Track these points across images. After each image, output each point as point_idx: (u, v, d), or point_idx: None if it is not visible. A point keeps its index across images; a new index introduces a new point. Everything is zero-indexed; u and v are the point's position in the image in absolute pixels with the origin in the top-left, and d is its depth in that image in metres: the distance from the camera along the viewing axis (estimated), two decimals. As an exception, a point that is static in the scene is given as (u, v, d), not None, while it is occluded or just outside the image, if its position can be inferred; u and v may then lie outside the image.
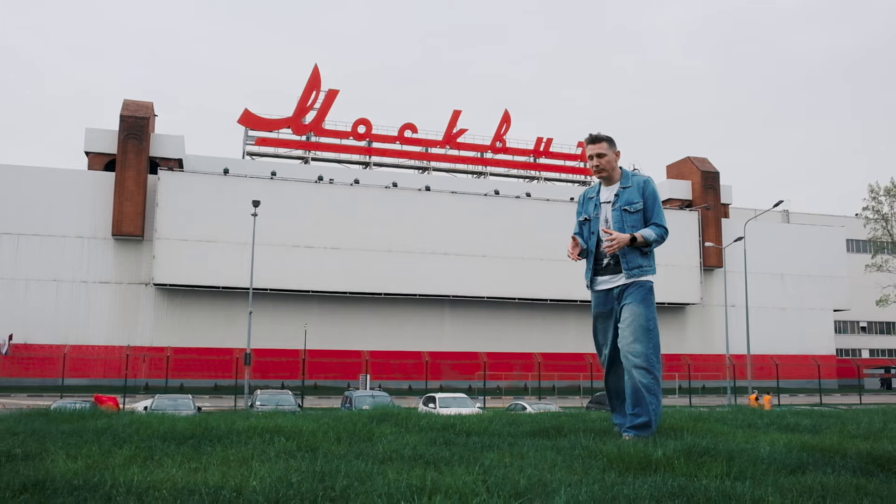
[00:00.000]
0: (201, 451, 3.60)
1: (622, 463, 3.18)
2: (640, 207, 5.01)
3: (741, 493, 2.55)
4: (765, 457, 3.32)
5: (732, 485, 2.61)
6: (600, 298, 5.12)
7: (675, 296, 55.00)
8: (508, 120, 59.39)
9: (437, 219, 51.01)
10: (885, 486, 2.79)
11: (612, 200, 5.06)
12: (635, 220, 4.99)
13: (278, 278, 47.44)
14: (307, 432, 4.12)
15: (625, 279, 4.98)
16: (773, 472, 3.05)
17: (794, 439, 4.02)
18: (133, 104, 49.67)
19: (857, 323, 70.67)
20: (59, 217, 46.51)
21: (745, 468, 3.02)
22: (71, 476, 2.75)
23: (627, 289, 4.98)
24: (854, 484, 2.76)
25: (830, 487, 2.69)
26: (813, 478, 2.81)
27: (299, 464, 3.07)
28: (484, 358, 45.32)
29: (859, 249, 67.58)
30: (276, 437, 4.00)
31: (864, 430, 4.46)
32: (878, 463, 3.24)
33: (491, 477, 2.66)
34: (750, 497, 2.48)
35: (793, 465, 3.16)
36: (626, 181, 5.11)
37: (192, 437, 4.04)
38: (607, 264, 5.06)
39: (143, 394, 39.43)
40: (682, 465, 3.08)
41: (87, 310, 46.94)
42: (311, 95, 54.62)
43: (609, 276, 5.05)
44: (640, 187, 5.06)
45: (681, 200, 59.34)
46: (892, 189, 51.35)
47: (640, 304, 4.92)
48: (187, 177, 48.00)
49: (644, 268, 5.02)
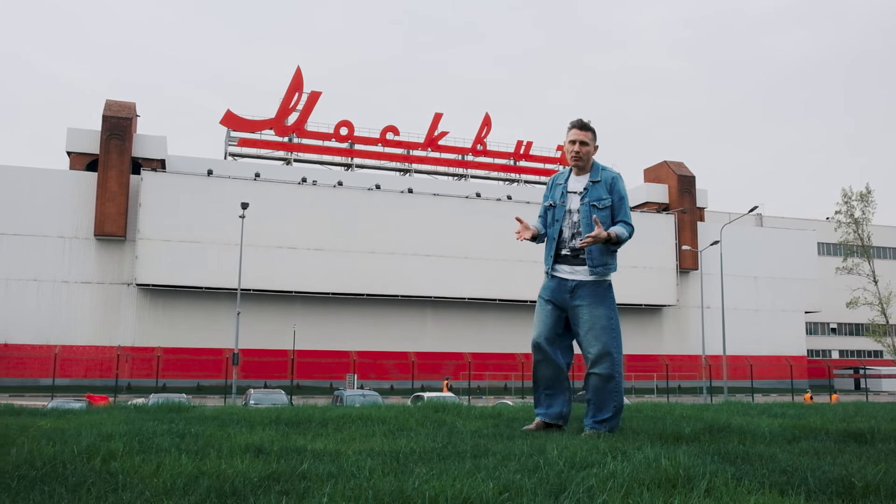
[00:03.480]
0: (327, 431, 4.18)
1: (661, 438, 3.86)
2: (608, 204, 4.97)
3: (758, 453, 3.22)
4: (766, 433, 4.08)
5: (749, 448, 3.30)
6: (553, 284, 5.02)
7: (652, 297, 56.11)
8: (489, 123, 60.16)
9: (419, 221, 51.60)
10: (859, 449, 3.57)
11: (582, 193, 5.00)
12: (603, 217, 4.93)
13: (262, 279, 47.70)
14: (391, 418, 4.70)
15: (586, 275, 4.92)
16: (776, 442, 3.71)
17: (784, 422, 4.75)
18: (115, 104, 49.67)
19: (827, 324, 72.33)
20: (40, 217, 46.39)
21: (754, 440, 3.73)
22: (317, 448, 3.52)
23: (585, 287, 4.91)
24: (836, 448, 3.49)
25: (819, 450, 3.44)
26: (806, 445, 3.59)
27: (422, 437, 3.72)
28: (469, 358, 45.98)
29: (830, 252, 69.15)
30: (369, 422, 4.58)
31: (840, 416, 5.15)
32: (853, 436, 4.02)
33: (563, 447, 3.29)
34: (765, 454, 3.15)
35: (789, 438, 3.92)
36: (595, 175, 5.04)
37: (308, 423, 4.60)
38: (565, 255, 5.00)
39: (125, 393, 39.54)
40: (706, 438, 3.79)
41: (68, 310, 46.87)
42: (294, 97, 54.96)
43: (570, 267, 4.98)
44: (608, 184, 5.02)
45: (657, 204, 60.44)
46: (866, 194, 52.79)
47: (600, 305, 4.88)
48: (170, 177, 48.12)
49: (609, 265, 5.00)
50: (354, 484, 2.34)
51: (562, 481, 2.43)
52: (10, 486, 2.36)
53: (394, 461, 2.93)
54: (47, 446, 3.16)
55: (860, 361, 68.88)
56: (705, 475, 2.48)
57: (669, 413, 5.39)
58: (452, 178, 60.93)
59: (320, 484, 2.42)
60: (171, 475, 2.54)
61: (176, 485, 2.38)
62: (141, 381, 44.77)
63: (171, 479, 2.46)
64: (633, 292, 55.11)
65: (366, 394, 25.30)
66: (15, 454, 2.89)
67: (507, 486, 2.36)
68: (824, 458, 3.16)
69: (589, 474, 2.53)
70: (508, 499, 2.20)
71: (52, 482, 2.41)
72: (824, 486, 2.55)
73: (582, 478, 2.47)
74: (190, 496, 2.24)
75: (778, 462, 3.00)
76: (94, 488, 2.32)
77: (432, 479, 2.39)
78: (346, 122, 56.33)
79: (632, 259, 54.93)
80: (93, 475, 2.55)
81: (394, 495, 2.19)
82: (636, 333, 56.90)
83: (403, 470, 2.65)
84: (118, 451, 3.08)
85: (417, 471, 2.61)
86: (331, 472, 2.62)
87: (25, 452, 2.94)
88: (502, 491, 2.29)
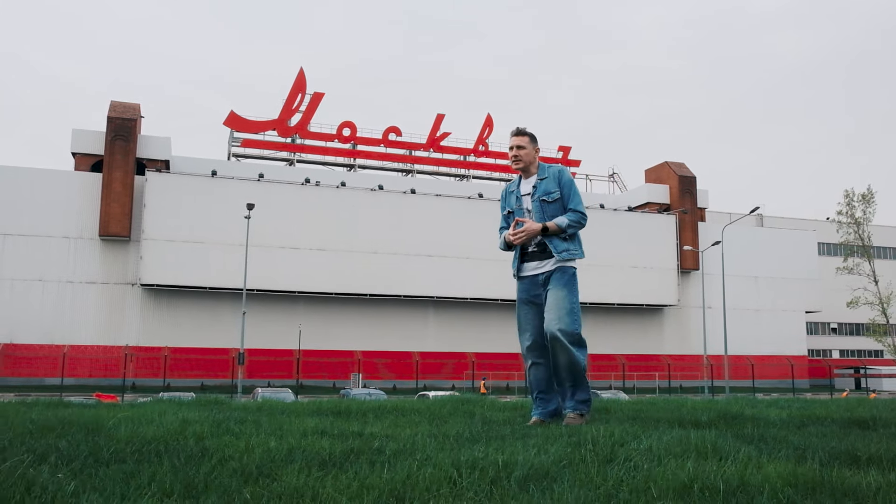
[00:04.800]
0: (371, 419, 4.50)
1: (680, 424, 4.20)
2: (557, 196, 5.14)
3: (772, 435, 3.56)
4: (776, 420, 4.40)
5: (763, 432, 3.63)
6: (525, 285, 5.25)
7: (653, 297, 56.44)
8: (491, 124, 60.49)
9: (422, 221, 51.92)
10: (862, 433, 3.92)
11: (531, 192, 5.22)
12: (555, 210, 5.12)
13: (265, 279, 47.98)
14: (424, 409, 5.03)
15: (552, 265, 5.09)
16: (786, 428, 4.06)
17: (792, 412, 5.09)
18: (120, 105, 49.99)
19: (828, 324, 72.64)
20: (45, 217, 46.69)
21: (766, 425, 4.08)
22: (376, 432, 3.85)
23: (553, 274, 5.09)
24: (842, 432, 3.86)
25: (826, 433, 3.81)
26: (813, 429, 3.95)
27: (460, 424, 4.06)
28: (472, 358, 46.29)
29: (830, 252, 69.44)
30: (405, 412, 4.90)
31: (844, 407, 5.47)
32: (857, 423, 4.38)
33: (598, 430, 3.64)
34: (778, 436, 3.48)
35: (797, 424, 4.27)
36: (542, 173, 5.27)
37: (348, 413, 4.92)
38: (532, 251, 5.18)
39: (130, 393, 39.84)
40: (723, 424, 4.13)
41: (73, 310, 47.15)
42: (297, 98, 55.29)
43: (536, 263, 5.17)
44: (555, 177, 5.24)
45: (658, 204, 60.74)
46: (868, 195, 53.18)
47: (563, 287, 5.03)
48: (175, 178, 48.43)
49: (571, 251, 5.11)
50: (426, 455, 2.65)
51: (607, 454, 2.76)
52: (125, 460, 2.68)
53: (449, 441, 3.26)
54: (143, 428, 3.48)
55: (860, 361, 69.20)
56: (730, 449, 2.81)
57: (682, 405, 5.71)
58: (454, 179, 61.25)
59: (399, 457, 2.73)
60: (264, 451, 2.86)
61: (275, 457, 2.70)
62: (145, 381, 45.08)
63: (265, 453, 2.78)
64: (635, 292, 55.46)
65: (371, 393, 25.67)
66: (118, 436, 3.21)
67: (561, 458, 2.68)
68: (832, 438, 3.50)
69: (629, 448, 2.86)
70: (567, 465, 2.52)
71: (162, 456, 2.72)
72: (833, 458, 2.88)
73: (624, 451, 2.79)
74: (293, 465, 2.54)
75: (790, 442, 3.33)
76: (203, 461, 2.63)
77: (494, 453, 2.70)
78: (349, 123, 56.65)
79: (633, 259, 55.33)
80: (195, 451, 2.86)
81: (469, 463, 2.50)
82: (637, 333, 57.24)
83: (462, 448, 2.97)
84: (204, 432, 3.39)
85: (476, 447, 2.93)
86: (400, 449, 2.94)
87: (127, 433, 3.26)
88: (558, 461, 2.60)
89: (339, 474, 2.36)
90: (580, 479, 2.34)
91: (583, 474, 2.41)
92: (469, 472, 2.38)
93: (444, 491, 2.15)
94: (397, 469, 2.43)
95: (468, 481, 2.26)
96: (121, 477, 2.32)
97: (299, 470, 2.43)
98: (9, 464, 2.37)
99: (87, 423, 3.73)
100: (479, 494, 2.12)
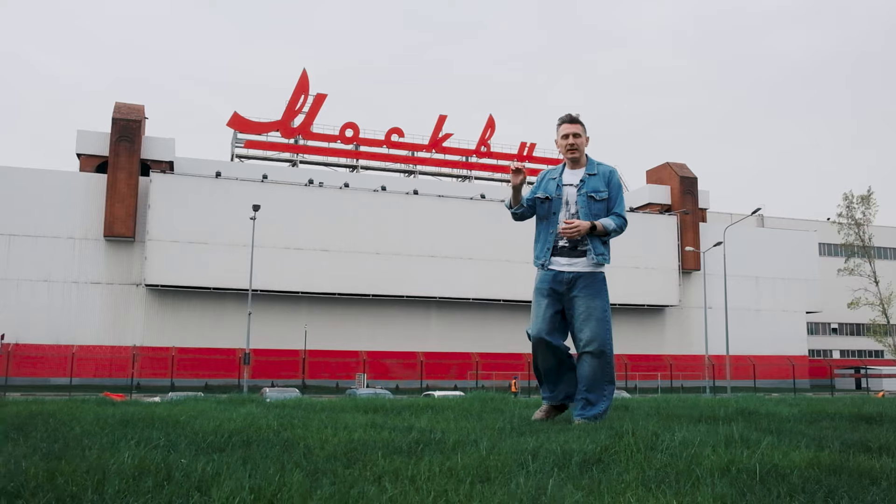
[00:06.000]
0: (411, 415, 4.80)
1: (701, 419, 4.51)
2: (605, 196, 5.05)
3: (788, 428, 3.88)
4: (789, 416, 4.71)
5: (780, 426, 3.94)
6: (549, 277, 5.11)
7: (655, 298, 56.74)
8: (493, 125, 60.81)
9: (424, 222, 52.23)
10: (869, 427, 4.24)
11: (578, 185, 5.10)
12: (599, 209, 5.03)
13: (269, 279, 48.23)
14: (454, 406, 5.32)
15: (583, 266, 5.01)
16: (800, 422, 4.37)
17: (802, 409, 5.37)
18: (125, 107, 50.28)
19: (828, 324, 72.96)
20: (50, 218, 46.99)
21: (781, 420, 4.39)
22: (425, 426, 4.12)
23: (582, 279, 5.01)
24: (851, 426, 4.17)
25: (838, 427, 4.09)
26: (825, 424, 4.25)
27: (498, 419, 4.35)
28: (476, 358, 46.57)
29: (831, 253, 69.73)
30: (439, 409, 5.21)
31: (850, 405, 5.77)
32: (864, 418, 4.71)
33: (634, 423, 3.95)
34: (794, 430, 3.80)
35: (809, 419, 4.58)
36: (591, 168, 5.17)
37: (384, 409, 5.23)
38: (563, 247, 5.07)
39: (135, 393, 40.10)
40: (741, 420, 4.44)
41: (78, 310, 47.44)
42: (300, 99, 55.57)
43: (567, 260, 5.05)
44: (605, 177, 5.13)
45: (660, 205, 61.04)
46: (868, 197, 53.54)
47: (597, 297, 5.00)
48: (179, 179, 48.73)
49: (605, 255, 5.08)
50: (490, 444, 2.95)
51: (648, 443, 3.06)
52: (223, 448, 2.97)
53: (496, 433, 3.55)
54: (228, 422, 3.77)
55: (861, 361, 69.50)
56: (756, 440, 3.11)
57: (697, 403, 6.01)
58: (457, 180, 61.55)
59: (461, 446, 3.02)
60: (340, 441, 3.15)
61: (356, 446, 2.98)
62: (150, 381, 45.38)
63: (347, 443, 3.08)
64: (636, 293, 55.73)
65: (378, 392, 25.91)
66: (202, 428, 3.50)
67: (608, 446, 2.98)
68: (843, 431, 3.83)
69: (665, 438, 3.17)
70: (615, 452, 2.81)
71: (252, 445, 3.02)
72: (848, 447, 3.19)
73: (661, 441, 3.09)
74: (375, 451, 2.83)
75: (806, 434, 3.66)
76: (293, 450, 2.92)
77: (547, 442, 3.00)
78: (352, 125, 56.94)
79: (635, 260, 55.58)
80: (276, 441, 3.15)
81: (531, 451, 2.80)
82: (639, 334, 57.51)
83: (513, 439, 3.27)
84: (274, 426, 3.68)
85: (523, 439, 3.23)
86: (460, 440, 3.23)
87: (211, 426, 3.55)
88: (605, 448, 2.90)
89: (418, 461, 2.65)
90: (631, 464, 2.64)
91: (631, 459, 2.71)
92: (533, 458, 2.68)
93: (518, 473, 2.44)
94: (469, 456, 2.72)
95: (535, 465, 2.55)
96: (238, 462, 2.60)
97: (382, 456, 2.72)
98: (144, 451, 2.65)
99: (154, 418, 4.02)
100: (549, 476, 2.40)
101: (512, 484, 2.22)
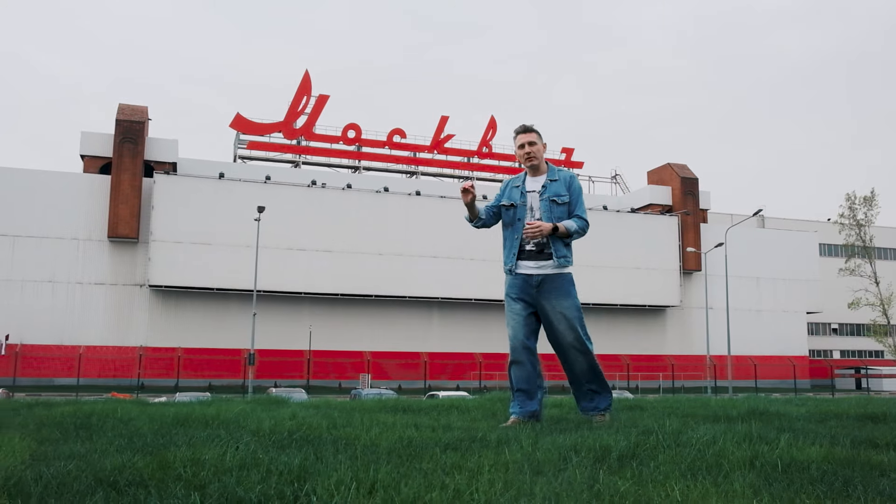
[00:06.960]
0: (440, 414, 5.03)
1: (715, 419, 4.75)
2: (566, 200, 5.25)
3: (800, 427, 4.13)
4: (799, 416, 4.95)
5: (791, 425, 4.19)
6: (518, 282, 5.25)
7: (656, 298, 57.00)
8: (494, 126, 61.09)
9: (426, 223, 52.48)
10: (875, 426, 4.49)
11: (540, 191, 5.28)
12: (561, 212, 5.23)
13: (272, 280, 48.45)
14: (476, 407, 5.57)
15: (551, 269, 5.17)
16: (810, 421, 4.61)
17: (809, 409, 5.62)
18: (128, 108, 50.52)
19: (828, 325, 73.21)
20: (55, 219, 47.24)
21: (791, 420, 4.63)
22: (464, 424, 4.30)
23: (550, 280, 5.18)
24: (858, 425, 4.42)
25: (846, 425, 4.35)
26: (834, 423, 4.50)
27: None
28: (479, 358, 46.79)
29: (832, 253, 70.00)
30: (462, 409, 5.46)
31: (856, 405, 6.01)
32: (870, 418, 4.97)
33: (660, 422, 4.19)
34: (806, 428, 4.06)
35: (818, 419, 4.85)
36: (553, 174, 5.36)
37: (410, 410, 5.47)
38: (529, 251, 5.22)
39: (141, 393, 40.30)
40: (754, 418, 4.68)
41: (82, 311, 47.69)
42: (303, 100, 55.82)
43: (533, 263, 5.21)
44: (566, 182, 5.33)
45: (661, 206, 61.29)
46: (870, 198, 53.87)
47: (566, 297, 5.18)
48: (182, 180, 48.98)
49: (568, 258, 5.24)
50: (532, 440, 3.19)
51: (675, 439, 3.30)
52: (289, 446, 3.21)
53: (530, 430, 3.79)
54: (283, 421, 4.01)
55: (861, 361, 69.75)
56: (772, 437, 3.37)
57: (708, 403, 6.25)
58: (459, 181, 61.74)
59: (504, 443, 3.27)
60: (393, 438, 3.40)
61: (405, 444, 3.23)
62: (154, 381, 45.62)
63: (397, 440, 3.32)
64: (637, 293, 56.00)
65: (382, 392, 26.18)
66: (260, 428, 3.74)
67: (639, 443, 3.23)
68: (852, 429, 4.09)
69: (689, 435, 3.42)
70: (647, 448, 3.06)
71: (312, 443, 3.25)
72: (858, 443, 3.45)
73: (686, 438, 3.34)
74: (432, 448, 3.08)
75: (818, 432, 3.91)
76: (353, 446, 3.16)
77: (583, 439, 3.24)
78: (354, 126, 57.19)
79: (636, 260, 55.87)
80: (331, 440, 3.39)
81: (571, 447, 3.04)
82: (640, 334, 57.77)
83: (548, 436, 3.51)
84: (322, 425, 3.92)
85: (556, 437, 3.47)
86: (501, 438, 3.47)
87: (268, 426, 3.79)
88: (637, 444, 3.15)
89: (468, 455, 2.89)
90: (664, 458, 2.88)
91: (663, 454, 2.95)
92: (575, 453, 2.92)
93: (566, 466, 2.68)
94: (514, 452, 2.96)
95: (578, 460, 2.79)
96: (312, 458, 2.83)
97: (431, 454, 2.95)
98: (239, 447, 2.87)
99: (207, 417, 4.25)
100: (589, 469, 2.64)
101: (566, 474, 2.46)
